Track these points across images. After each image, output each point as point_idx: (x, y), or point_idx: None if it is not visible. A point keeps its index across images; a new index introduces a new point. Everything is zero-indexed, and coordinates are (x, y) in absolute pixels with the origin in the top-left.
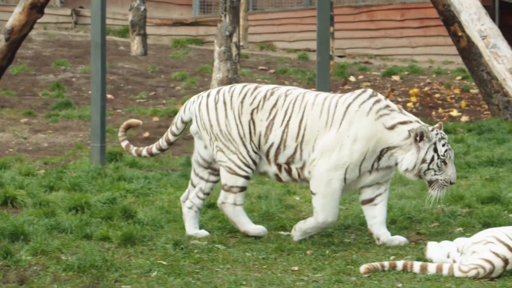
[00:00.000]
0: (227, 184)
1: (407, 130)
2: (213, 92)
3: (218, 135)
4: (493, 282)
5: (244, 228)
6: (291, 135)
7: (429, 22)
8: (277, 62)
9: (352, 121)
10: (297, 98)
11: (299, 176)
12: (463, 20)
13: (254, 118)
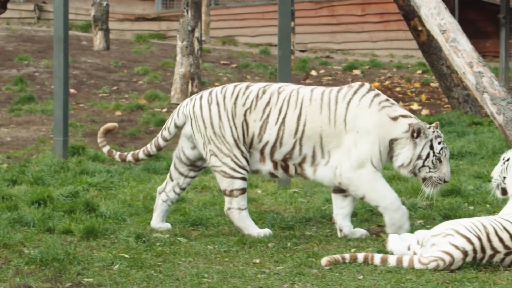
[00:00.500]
0: (226, 189)
1: (408, 124)
2: (205, 93)
3: (212, 137)
4: (453, 274)
5: (249, 232)
6: (288, 132)
7: (390, 17)
8: (239, 56)
9: (356, 115)
10: (291, 94)
11: (296, 171)
12: (423, 15)
13: (247, 119)
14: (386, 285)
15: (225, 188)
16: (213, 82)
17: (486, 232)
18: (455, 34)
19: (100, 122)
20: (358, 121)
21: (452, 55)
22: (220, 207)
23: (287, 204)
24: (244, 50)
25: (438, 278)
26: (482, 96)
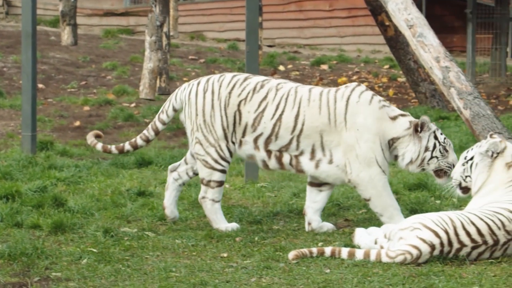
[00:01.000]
0: (204, 178)
1: (408, 121)
2: (203, 80)
3: (201, 125)
4: (420, 268)
5: (217, 226)
6: (285, 128)
7: (357, 12)
8: (207, 52)
9: (355, 112)
10: (289, 93)
11: (291, 162)
12: (390, 10)
13: (241, 109)
14: (353, 279)
15: (204, 177)
16: (182, 77)
17: (453, 226)
18: (422, 29)
19: (68, 117)
20: (359, 118)
21: (419, 50)
22: (188, 202)
23: (255, 199)
24: (212, 45)
25: (404, 272)
26: (449, 91)
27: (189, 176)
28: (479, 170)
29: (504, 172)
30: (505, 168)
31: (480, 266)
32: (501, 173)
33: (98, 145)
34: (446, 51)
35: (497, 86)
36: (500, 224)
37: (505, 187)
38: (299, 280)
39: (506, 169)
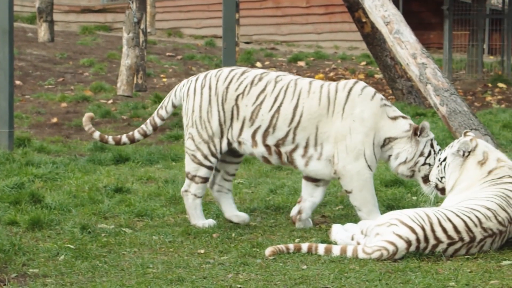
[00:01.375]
0: (190, 172)
1: (408, 124)
2: (201, 76)
3: (196, 121)
4: (396, 264)
5: (195, 222)
6: (282, 120)
7: (334, 9)
8: (185, 48)
9: (355, 104)
10: (289, 85)
11: (288, 159)
12: (367, 7)
13: (238, 103)
14: (329, 275)
15: (189, 172)
16: (159, 73)
17: (429, 222)
18: (399, 26)
19: (45, 113)
20: (357, 109)
21: (396, 46)
22: (165, 198)
23: (232, 195)
24: (189, 42)
25: (381, 268)
26: (426, 87)
27: (228, 181)
28: (451, 169)
29: (478, 170)
30: (478, 166)
31: (456, 262)
32: (474, 171)
33: (95, 133)
34: (423, 48)
35: (474, 82)
36: (477, 221)
37: (480, 183)
38: (276, 276)
39: (479, 166)
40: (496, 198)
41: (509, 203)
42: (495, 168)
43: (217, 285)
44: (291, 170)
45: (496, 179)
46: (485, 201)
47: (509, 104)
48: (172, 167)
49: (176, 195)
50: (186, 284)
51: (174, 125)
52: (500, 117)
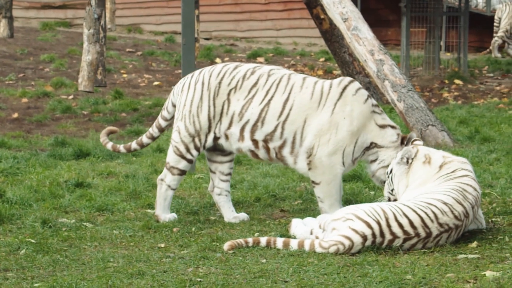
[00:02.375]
0: (169, 163)
1: (397, 134)
2: (196, 72)
3: (186, 115)
4: (354, 257)
5: (158, 213)
6: (272, 114)
7: (293, 5)
8: (145, 44)
9: (347, 102)
10: (281, 79)
11: (277, 155)
12: (325, 3)
13: (230, 98)
14: (288, 268)
15: (169, 162)
16: (119, 69)
17: (385, 217)
18: (357, 23)
19: (6, 109)
20: (348, 107)
21: (353, 43)
22: (126, 193)
23: (192, 190)
24: (149, 38)
25: (339, 261)
26: (383, 84)
27: (225, 181)
28: (398, 178)
29: (427, 167)
30: (424, 165)
31: (413, 256)
32: (423, 169)
33: (108, 144)
34: (380, 45)
35: (431, 79)
36: (433, 216)
37: (435, 178)
38: (236, 270)
39: (426, 165)
40: (452, 192)
41: (466, 197)
42: (445, 162)
43: (177, 279)
44: (251, 165)
45: (450, 173)
46: (441, 195)
47: (465, 100)
48: (133, 162)
49: (136, 189)
50: (147, 278)
51: (135, 120)
52: (456, 113)
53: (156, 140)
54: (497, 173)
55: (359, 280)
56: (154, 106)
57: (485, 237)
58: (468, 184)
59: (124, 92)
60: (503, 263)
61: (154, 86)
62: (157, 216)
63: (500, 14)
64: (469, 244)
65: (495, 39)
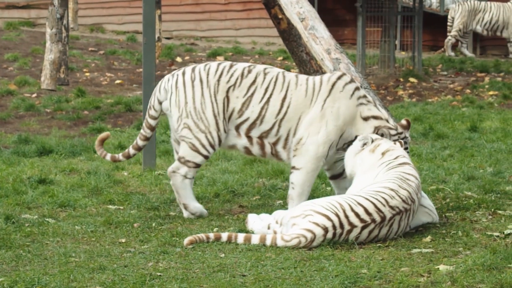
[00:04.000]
0: (185, 157)
1: (374, 126)
2: (188, 70)
3: (191, 112)
4: (311, 252)
5: (184, 201)
6: (271, 112)
7: (252, 6)
8: (107, 43)
9: (335, 99)
10: (277, 77)
11: (272, 151)
12: (282, 3)
13: (229, 95)
14: (246, 262)
15: (184, 157)
16: (82, 68)
17: (342, 209)
18: (314, 22)
19: None
20: (336, 103)
21: (310, 42)
22: (88, 189)
23: (153, 186)
24: (111, 37)
25: (296, 256)
26: None
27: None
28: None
29: (371, 155)
30: (369, 152)
31: (368, 250)
32: (369, 157)
33: (107, 156)
34: (336, 44)
35: (386, 77)
36: (384, 201)
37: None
38: (195, 264)
39: (370, 153)
40: (396, 180)
41: (409, 184)
42: (388, 150)
43: (137, 273)
44: (210, 162)
45: (392, 160)
46: (386, 183)
47: (419, 98)
48: (95, 159)
49: (98, 186)
50: (108, 273)
51: (97, 118)
52: (411, 111)
53: (118, 137)
54: (451, 169)
55: (316, 274)
56: (116, 104)
57: (438, 232)
58: (409, 173)
59: (86, 91)
60: (456, 257)
61: (116, 84)
62: (185, 205)
63: (453, 13)
64: (423, 239)
65: (448, 38)
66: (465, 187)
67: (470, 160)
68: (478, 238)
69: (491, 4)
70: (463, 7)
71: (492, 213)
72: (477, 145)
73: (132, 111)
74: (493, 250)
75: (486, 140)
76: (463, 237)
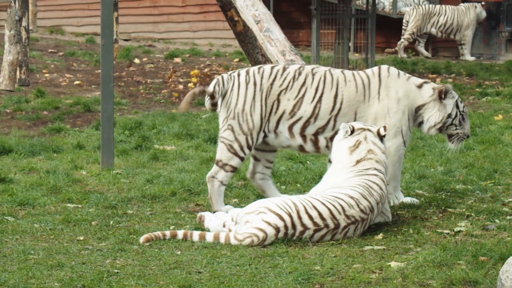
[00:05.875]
0: (222, 160)
1: (431, 88)
2: (243, 72)
3: (238, 113)
4: (265, 249)
5: (217, 208)
6: (324, 109)
7: (209, 8)
8: (66, 45)
9: (388, 85)
10: (325, 75)
11: (327, 145)
12: (238, 6)
13: (280, 98)
14: (202, 260)
15: (221, 159)
16: (41, 69)
17: (296, 210)
18: (269, 24)
19: None
20: (391, 90)
21: (266, 44)
22: (47, 188)
23: (110, 185)
24: (70, 39)
25: (251, 253)
26: None
27: (269, 167)
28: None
29: (347, 155)
30: (348, 151)
31: (321, 248)
32: (344, 155)
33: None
34: (291, 45)
35: None
36: (341, 209)
37: (348, 171)
38: (152, 262)
39: (348, 152)
40: (359, 188)
41: (371, 193)
42: (363, 158)
43: (95, 270)
44: (167, 161)
45: (362, 170)
46: (348, 190)
47: None
48: (54, 158)
49: (57, 185)
50: (66, 270)
51: (56, 118)
52: None
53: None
54: (402, 168)
55: (270, 271)
56: (75, 104)
57: (390, 229)
58: (375, 182)
59: (46, 91)
60: (407, 254)
61: (75, 85)
62: (217, 211)
63: (408, 17)
64: (375, 236)
65: (401, 40)
66: (417, 186)
67: (422, 159)
68: (429, 235)
69: (446, 8)
70: (417, 11)
71: (442, 211)
72: (428, 145)
73: (91, 111)
74: (443, 247)
75: (437, 140)
76: (414, 235)
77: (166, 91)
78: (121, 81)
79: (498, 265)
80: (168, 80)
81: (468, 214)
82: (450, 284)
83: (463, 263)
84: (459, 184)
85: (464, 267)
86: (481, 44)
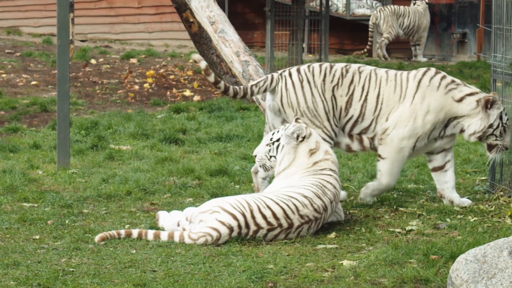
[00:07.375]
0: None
1: (475, 101)
2: (294, 71)
3: (305, 111)
4: (219, 248)
5: None
6: (369, 109)
7: (165, 9)
8: (23, 46)
9: (425, 95)
10: (371, 74)
11: (370, 145)
12: (193, 7)
13: (335, 94)
14: (157, 258)
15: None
16: None
17: (250, 209)
18: (223, 26)
19: None
20: (425, 100)
21: (220, 45)
22: (3, 187)
23: (66, 184)
24: (28, 39)
25: (205, 252)
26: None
27: None
28: (285, 151)
29: (306, 158)
30: (308, 154)
31: (275, 246)
32: (303, 158)
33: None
34: (246, 46)
35: None
36: (295, 208)
37: (303, 172)
38: (107, 260)
39: (308, 155)
40: (312, 187)
41: (325, 192)
42: (321, 160)
43: (50, 269)
44: (123, 161)
45: (317, 170)
46: (302, 189)
47: None
48: (10, 157)
49: (13, 184)
50: (22, 268)
51: (13, 118)
52: None
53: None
54: (355, 168)
55: (224, 269)
56: (31, 104)
57: (343, 228)
58: (329, 182)
59: (3, 91)
60: (359, 252)
61: (32, 85)
62: None
63: (375, 20)
64: (328, 235)
65: (382, 39)
66: None
67: (374, 159)
68: (381, 234)
69: (408, 9)
70: (384, 12)
71: (394, 210)
72: None
73: (48, 111)
74: (395, 246)
75: None
76: (366, 233)
77: (122, 92)
78: (78, 82)
79: (448, 263)
80: (124, 81)
81: (419, 213)
82: (401, 282)
83: (414, 261)
84: (411, 183)
85: (416, 266)
86: (433, 46)
